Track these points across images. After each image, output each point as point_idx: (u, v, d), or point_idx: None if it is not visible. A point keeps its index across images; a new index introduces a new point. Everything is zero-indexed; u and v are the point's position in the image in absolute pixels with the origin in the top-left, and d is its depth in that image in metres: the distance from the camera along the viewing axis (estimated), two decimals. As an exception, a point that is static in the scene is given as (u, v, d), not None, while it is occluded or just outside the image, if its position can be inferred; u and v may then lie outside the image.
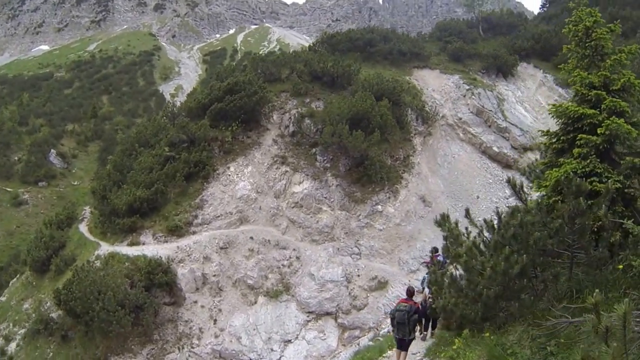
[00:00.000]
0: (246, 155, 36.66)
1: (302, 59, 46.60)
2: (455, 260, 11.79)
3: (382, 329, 28.18)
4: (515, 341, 9.56)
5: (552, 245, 10.51)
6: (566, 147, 12.69)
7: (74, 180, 59.99)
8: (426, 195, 37.69)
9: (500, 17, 70.24)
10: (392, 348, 19.44)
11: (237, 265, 30.98)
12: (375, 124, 36.85)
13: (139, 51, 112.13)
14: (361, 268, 32.00)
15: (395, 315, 16.32)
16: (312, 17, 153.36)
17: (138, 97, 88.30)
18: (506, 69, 53.59)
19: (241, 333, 28.46)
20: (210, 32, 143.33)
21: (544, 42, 56.30)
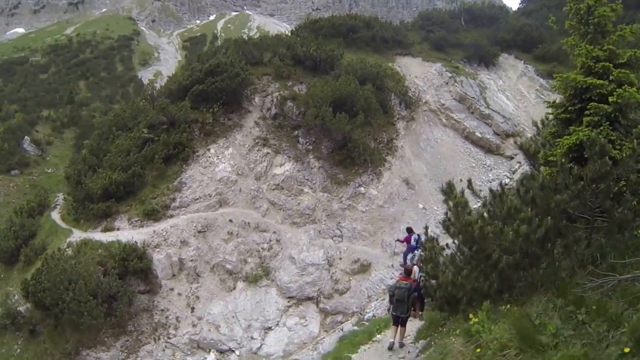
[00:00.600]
0: (227, 137, 35.45)
1: (284, 43, 45.66)
2: (465, 229, 10.77)
3: (367, 313, 27.15)
4: (540, 312, 8.65)
5: (573, 209, 9.80)
6: (574, 118, 12.14)
7: (48, 168, 57.83)
8: (409, 178, 36.97)
9: (482, 9, 70.32)
10: (381, 331, 19.25)
11: (215, 249, 29.70)
12: (359, 107, 36.04)
13: (118, 36, 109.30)
14: (343, 251, 30.96)
15: (395, 293, 16.35)
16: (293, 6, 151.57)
17: (116, 83, 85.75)
18: (488, 58, 53.56)
19: (220, 321, 27.25)
20: (190, 18, 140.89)
21: (525, 34, 56.82)
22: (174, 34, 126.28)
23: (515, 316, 8.54)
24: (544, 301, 9.04)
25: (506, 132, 44.37)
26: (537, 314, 8.50)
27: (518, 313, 8.72)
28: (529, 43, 55.60)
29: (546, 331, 7.77)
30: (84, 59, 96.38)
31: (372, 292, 29.04)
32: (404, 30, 56.23)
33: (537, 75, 51.68)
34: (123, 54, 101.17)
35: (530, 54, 54.77)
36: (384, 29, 53.49)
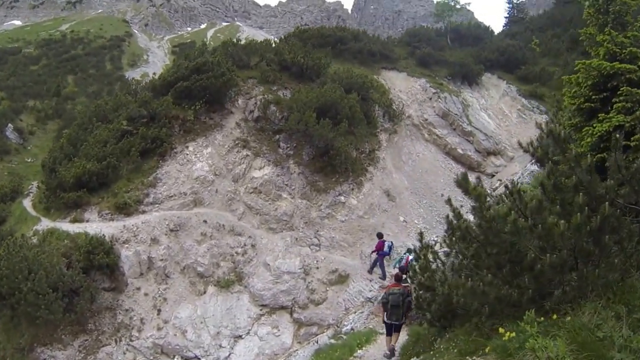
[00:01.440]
0: (207, 136, 33.27)
1: (272, 48, 43.67)
2: (489, 225, 8.73)
3: (344, 326, 24.76)
4: (599, 321, 6.88)
5: (622, 198, 8.05)
6: (598, 107, 10.82)
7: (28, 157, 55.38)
8: (390, 189, 34.95)
9: (468, 28, 69.12)
10: (363, 346, 17.91)
11: (187, 250, 27.27)
12: (344, 115, 34.02)
13: (110, 36, 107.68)
14: (320, 260, 28.67)
15: (389, 299, 16.26)
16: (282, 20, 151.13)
17: (104, 81, 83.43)
18: (471, 77, 52.10)
19: (187, 326, 24.72)
20: (182, 25, 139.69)
21: (509, 54, 55.40)
22: (165, 39, 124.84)
23: (571, 328, 6.72)
24: (599, 308, 7.20)
25: (487, 150, 42.83)
26: (595, 324, 6.72)
27: (573, 324, 6.83)
28: (512, 63, 54.29)
29: (616, 345, 6.09)
30: (75, 54, 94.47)
31: (350, 304, 26.77)
32: (391, 45, 54.63)
33: (519, 95, 50.16)
34: (113, 53, 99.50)
35: (513, 75, 53.38)
36: (371, 42, 51.92)
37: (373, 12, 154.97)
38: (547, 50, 58.21)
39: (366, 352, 17.63)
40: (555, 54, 56.65)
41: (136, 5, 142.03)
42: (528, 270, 8.11)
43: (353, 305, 26.73)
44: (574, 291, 7.91)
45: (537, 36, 62.93)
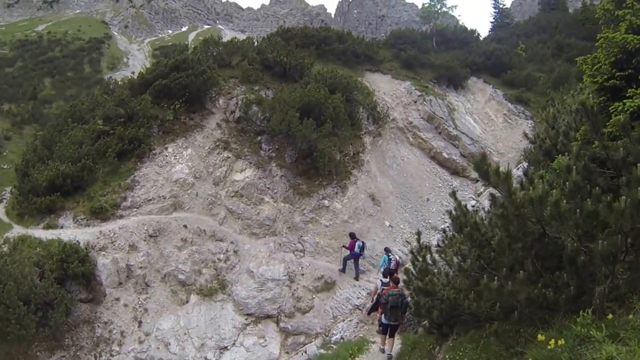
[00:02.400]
0: (187, 137, 32.22)
1: (255, 48, 42.85)
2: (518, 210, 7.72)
3: (334, 335, 23.92)
4: None
5: None
6: (623, 85, 9.93)
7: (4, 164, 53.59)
8: (375, 193, 34.05)
9: (454, 32, 68.59)
10: (356, 357, 17.46)
11: (167, 256, 26.07)
12: (328, 116, 33.07)
13: (89, 37, 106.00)
14: (305, 266, 27.59)
15: (389, 300, 16.93)
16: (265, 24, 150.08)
17: (82, 84, 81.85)
18: (457, 80, 51.40)
19: (170, 338, 23.38)
20: (163, 27, 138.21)
21: (495, 59, 55.02)
22: (145, 42, 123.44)
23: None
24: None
25: (473, 155, 41.62)
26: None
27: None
28: (498, 68, 53.84)
29: None
30: (52, 56, 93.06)
31: (337, 312, 25.74)
32: (375, 47, 53.74)
33: (505, 100, 49.51)
34: (92, 56, 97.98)
35: (499, 79, 52.88)
36: (355, 43, 50.92)
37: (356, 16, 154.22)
38: (532, 56, 58.14)
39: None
40: (541, 60, 56.64)
41: (115, 6, 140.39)
42: (568, 264, 7.16)
43: (341, 313, 25.76)
44: (624, 286, 6.95)
45: (523, 41, 62.98)
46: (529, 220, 7.49)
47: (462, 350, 9.81)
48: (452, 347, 10.60)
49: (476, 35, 69.98)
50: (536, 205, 7.27)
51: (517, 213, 7.57)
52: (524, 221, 7.54)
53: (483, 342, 9.37)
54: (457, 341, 10.60)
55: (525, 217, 7.49)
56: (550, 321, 7.10)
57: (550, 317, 7.13)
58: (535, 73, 52.66)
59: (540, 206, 7.22)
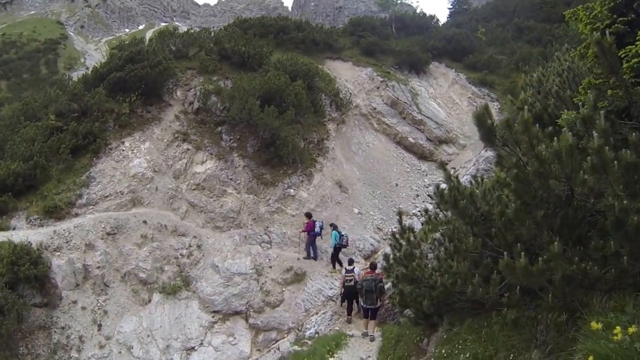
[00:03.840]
0: (144, 130, 30.63)
1: (211, 38, 41.47)
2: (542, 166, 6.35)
3: (307, 330, 22.38)
4: None
5: None
6: (627, 31, 8.64)
7: (-41, 169, 51.69)
8: (342, 180, 32.84)
9: (413, 18, 67.92)
10: (334, 353, 16.10)
11: (127, 254, 24.37)
12: (289, 103, 31.80)
13: (45, 39, 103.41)
14: (273, 258, 26.19)
15: (363, 285, 18.38)
16: (222, 19, 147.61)
17: (39, 85, 79.37)
18: (419, 65, 50.56)
19: (132, 341, 21.70)
20: (119, 26, 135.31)
21: (456, 43, 54.54)
22: (102, 41, 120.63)
23: None
24: None
25: (439, 139, 41.18)
26: None
27: None
28: (459, 52, 53.31)
29: None
30: (7, 59, 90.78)
31: (309, 304, 24.29)
32: (335, 35, 52.43)
33: (468, 83, 48.94)
34: (48, 57, 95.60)
35: (461, 63, 52.38)
36: (314, 31, 49.83)
37: (313, 8, 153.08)
38: (493, 39, 57.81)
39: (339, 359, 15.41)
40: (501, 43, 56.30)
41: (71, 6, 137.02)
42: (615, 228, 5.78)
43: (314, 306, 24.30)
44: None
45: (482, 26, 62.33)
46: (556, 180, 6.15)
47: (461, 343, 8.59)
48: (447, 340, 9.36)
49: (435, 21, 69.51)
50: (566, 158, 5.94)
51: (540, 170, 6.20)
52: (546, 181, 6.20)
53: (485, 332, 8.14)
54: (451, 332, 9.38)
55: (550, 175, 6.14)
56: (589, 303, 5.80)
57: (588, 298, 5.82)
58: (497, 56, 52.03)
59: (571, 159, 5.92)
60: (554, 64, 18.14)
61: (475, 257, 7.89)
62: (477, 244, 7.86)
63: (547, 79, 17.25)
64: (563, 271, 6.11)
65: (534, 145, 6.25)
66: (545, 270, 6.22)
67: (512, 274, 6.54)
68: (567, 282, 6.15)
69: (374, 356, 14.63)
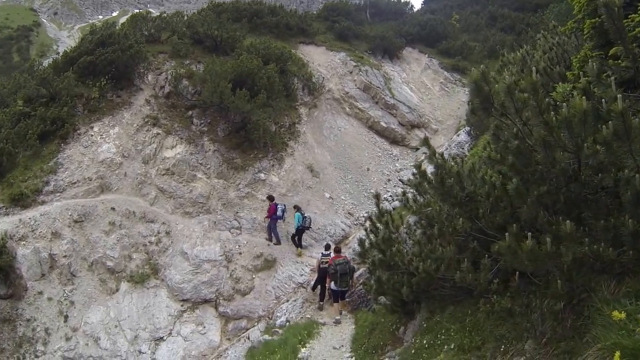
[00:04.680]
0: (114, 115, 29.72)
1: (184, 22, 40.52)
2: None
3: (278, 318, 21.94)
4: None
5: None
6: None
7: None
8: (314, 165, 32.33)
9: (388, 4, 67.50)
10: (306, 343, 15.60)
11: (94, 242, 23.57)
12: (262, 86, 31.15)
13: (17, 26, 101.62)
14: (243, 244, 25.61)
15: (337, 269, 18.34)
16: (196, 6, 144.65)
17: (11, 73, 77.92)
18: (392, 51, 50.23)
19: (99, 332, 20.96)
20: (93, 13, 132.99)
21: (430, 29, 54.11)
22: (75, 28, 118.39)
23: None
24: None
25: (411, 123, 40.78)
26: None
27: None
28: (433, 38, 52.93)
29: None
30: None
31: (280, 291, 23.86)
32: (309, 20, 51.64)
33: (441, 69, 48.73)
34: (21, 44, 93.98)
35: (435, 49, 52.06)
36: (288, 16, 48.98)
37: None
38: (467, 26, 57.64)
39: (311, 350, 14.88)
40: (475, 30, 56.17)
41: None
42: (633, 205, 5.18)
43: (284, 293, 23.89)
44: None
45: (456, 13, 62.13)
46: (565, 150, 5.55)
47: (443, 333, 8.10)
48: (427, 329, 8.85)
49: (410, 7, 69.08)
50: (578, 125, 5.35)
51: (548, 139, 5.58)
52: (552, 153, 5.59)
53: (470, 321, 7.65)
54: (432, 321, 8.87)
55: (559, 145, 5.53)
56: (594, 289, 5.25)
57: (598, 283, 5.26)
58: (471, 42, 51.75)
59: (584, 126, 5.33)
60: (540, 41, 17.73)
61: (460, 241, 7.37)
62: (466, 226, 7.33)
63: (531, 57, 16.88)
64: (573, 254, 5.49)
65: (543, 110, 5.62)
66: (554, 253, 5.58)
67: (514, 258, 5.91)
68: (580, 266, 5.55)
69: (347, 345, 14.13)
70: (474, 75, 6.58)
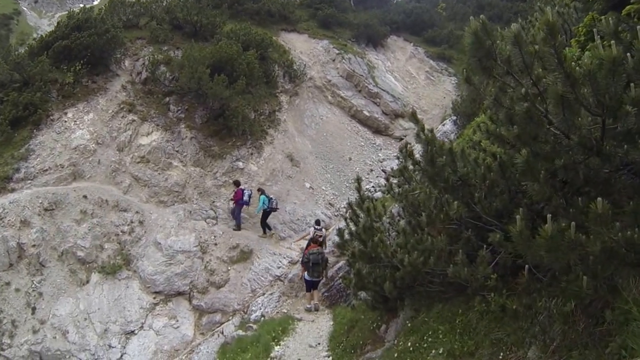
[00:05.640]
0: (89, 101, 28.47)
1: (163, 7, 39.08)
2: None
3: (253, 312, 20.97)
4: None
5: None
6: None
7: None
8: (294, 154, 31.27)
9: None
10: (280, 341, 14.84)
11: (65, 232, 22.38)
12: (241, 72, 30.05)
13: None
14: (218, 235, 24.57)
15: (310, 259, 18.48)
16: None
17: (-10, 60, 76.77)
18: (377, 39, 49.07)
19: (68, 325, 19.89)
20: (74, 1, 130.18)
21: (415, 17, 53.16)
22: (56, 16, 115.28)
23: None
24: None
25: (395, 112, 39.79)
26: None
27: None
28: (418, 26, 51.84)
29: None
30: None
31: (256, 284, 22.80)
32: (291, 7, 50.31)
33: (427, 57, 47.82)
34: (1, 32, 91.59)
35: (420, 37, 51.05)
36: (270, 2, 47.49)
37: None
38: (453, 15, 56.61)
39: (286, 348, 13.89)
40: (462, 18, 54.71)
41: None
42: None
43: (260, 286, 22.82)
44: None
45: (442, 1, 61.09)
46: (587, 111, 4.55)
47: (430, 335, 7.20)
48: (412, 329, 7.95)
49: (396, -5, 67.79)
50: (604, 79, 4.29)
51: (568, 97, 4.52)
52: (572, 115, 4.57)
53: (460, 321, 6.73)
54: (417, 320, 7.96)
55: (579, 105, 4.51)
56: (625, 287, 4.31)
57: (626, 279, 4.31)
58: (457, 31, 50.70)
59: (613, 79, 4.25)
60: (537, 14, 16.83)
61: (452, 230, 6.40)
62: (461, 211, 6.31)
63: (527, 31, 15.94)
64: (602, 242, 4.40)
65: (563, 59, 4.54)
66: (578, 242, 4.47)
67: (526, 248, 4.83)
68: (607, 258, 4.44)
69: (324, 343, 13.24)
70: (473, 26, 5.50)
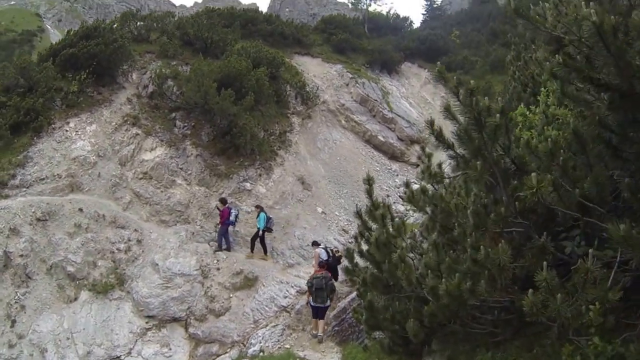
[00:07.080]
0: (92, 111, 26.83)
1: (175, 22, 37.87)
2: None
3: (252, 346, 18.90)
4: None
5: None
6: None
7: None
8: (305, 177, 29.34)
9: (387, 19, 65.62)
10: None
11: (56, 244, 20.55)
12: (250, 88, 28.36)
13: (22, 30, 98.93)
14: (222, 259, 22.43)
15: (313, 283, 17.55)
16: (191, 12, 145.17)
17: (11, 75, 75.76)
18: (391, 65, 47.67)
19: (48, 343, 18.00)
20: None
21: (430, 43, 51.80)
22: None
23: None
24: None
25: (411, 138, 38.06)
26: None
27: None
28: (433, 53, 49.96)
29: None
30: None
31: (259, 315, 20.50)
32: (306, 31, 48.92)
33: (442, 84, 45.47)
34: (24, 48, 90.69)
35: (434, 64, 48.51)
36: (284, 25, 46.39)
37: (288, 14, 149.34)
38: (467, 43, 55.11)
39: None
40: (476, 46, 53.47)
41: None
42: None
43: (264, 317, 20.53)
44: None
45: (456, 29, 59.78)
46: None
47: None
48: None
49: (409, 23, 67.14)
50: None
51: None
52: None
53: None
54: None
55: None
56: None
57: None
58: (472, 57, 49.09)
59: None
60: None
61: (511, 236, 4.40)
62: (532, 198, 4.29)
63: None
64: None
65: None
66: None
67: None
68: None
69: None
70: None
